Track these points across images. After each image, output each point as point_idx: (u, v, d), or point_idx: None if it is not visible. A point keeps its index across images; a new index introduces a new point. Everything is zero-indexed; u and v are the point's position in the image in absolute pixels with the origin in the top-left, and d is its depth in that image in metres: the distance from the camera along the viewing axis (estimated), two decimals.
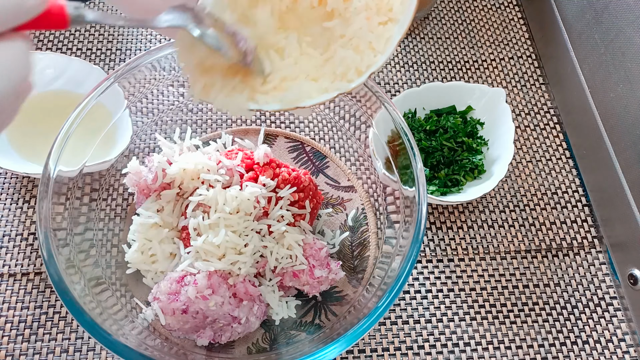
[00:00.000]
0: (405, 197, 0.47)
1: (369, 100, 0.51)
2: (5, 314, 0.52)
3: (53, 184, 0.44)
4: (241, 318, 0.46)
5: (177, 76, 0.53)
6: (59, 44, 0.68)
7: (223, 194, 0.46)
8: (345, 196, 0.57)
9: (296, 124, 0.63)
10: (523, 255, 0.58)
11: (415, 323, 0.54)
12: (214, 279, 0.45)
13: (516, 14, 0.74)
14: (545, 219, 0.60)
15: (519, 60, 0.71)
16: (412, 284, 0.56)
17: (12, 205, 0.57)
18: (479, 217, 0.59)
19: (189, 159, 0.48)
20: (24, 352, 0.50)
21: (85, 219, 0.48)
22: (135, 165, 0.51)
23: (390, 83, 0.68)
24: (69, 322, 0.52)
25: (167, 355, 0.42)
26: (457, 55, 0.70)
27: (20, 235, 0.56)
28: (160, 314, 0.44)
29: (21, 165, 0.54)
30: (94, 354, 0.50)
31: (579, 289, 0.56)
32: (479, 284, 0.56)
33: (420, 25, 0.73)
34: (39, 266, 0.54)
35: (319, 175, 0.58)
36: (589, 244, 0.59)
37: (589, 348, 0.53)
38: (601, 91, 0.59)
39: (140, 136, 0.55)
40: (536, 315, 0.54)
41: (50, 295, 0.53)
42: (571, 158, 0.64)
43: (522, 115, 0.66)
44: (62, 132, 0.45)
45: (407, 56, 0.70)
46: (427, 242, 0.58)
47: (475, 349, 0.53)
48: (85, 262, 0.45)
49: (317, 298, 0.51)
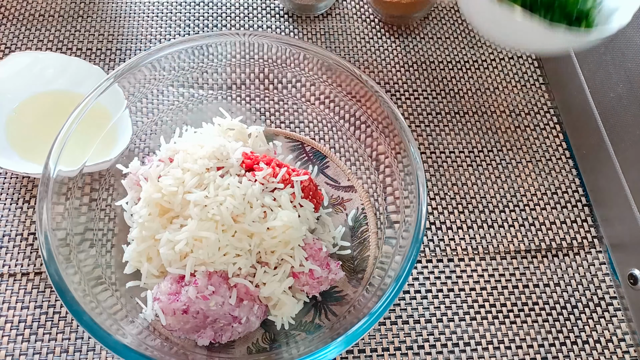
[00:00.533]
0: (405, 197, 0.47)
1: (369, 100, 0.51)
2: (5, 314, 0.52)
3: (53, 184, 0.44)
4: (241, 318, 0.46)
5: (177, 76, 0.53)
6: (59, 44, 0.68)
7: (221, 192, 0.46)
8: (345, 196, 0.57)
9: (296, 124, 0.63)
10: (523, 255, 0.58)
11: (415, 323, 0.54)
12: (214, 279, 0.45)
13: None
14: (545, 218, 0.60)
15: (519, 60, 0.71)
16: (412, 284, 0.56)
17: (12, 205, 0.57)
18: (479, 217, 0.60)
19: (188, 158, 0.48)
20: (24, 352, 0.50)
21: (85, 219, 0.48)
22: (135, 165, 0.51)
23: (390, 83, 0.68)
24: (69, 322, 0.52)
25: (167, 355, 0.42)
26: (457, 55, 0.70)
27: (20, 235, 0.56)
28: (161, 314, 0.44)
29: (21, 165, 0.54)
30: (94, 354, 0.50)
31: (579, 289, 0.56)
32: (479, 284, 0.56)
33: (420, 25, 0.73)
34: (39, 266, 0.54)
35: (319, 175, 0.58)
36: (589, 244, 0.59)
37: (589, 348, 0.53)
38: (601, 91, 0.59)
39: (140, 136, 0.55)
40: (536, 315, 0.54)
41: (50, 295, 0.53)
42: (571, 158, 0.64)
43: (522, 115, 0.66)
44: (62, 132, 0.45)
45: (407, 56, 0.70)
46: (427, 242, 0.58)
47: (475, 349, 0.53)
48: (85, 262, 0.45)
49: (317, 298, 0.51)
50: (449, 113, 0.66)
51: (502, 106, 0.67)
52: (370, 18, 0.73)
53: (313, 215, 0.51)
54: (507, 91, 0.68)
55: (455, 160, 0.63)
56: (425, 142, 0.64)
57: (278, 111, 0.64)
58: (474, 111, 0.66)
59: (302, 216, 0.50)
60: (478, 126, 0.65)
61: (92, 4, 0.72)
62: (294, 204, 0.50)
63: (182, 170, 0.48)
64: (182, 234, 0.44)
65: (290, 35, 0.71)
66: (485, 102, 0.67)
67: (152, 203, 0.47)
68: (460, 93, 0.68)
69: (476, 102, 0.67)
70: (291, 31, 0.71)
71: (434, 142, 0.64)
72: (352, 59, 0.69)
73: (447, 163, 0.63)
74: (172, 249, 0.45)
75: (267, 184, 0.49)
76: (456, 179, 0.62)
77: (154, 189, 0.47)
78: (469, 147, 0.64)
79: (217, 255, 0.45)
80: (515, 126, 0.66)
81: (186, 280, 0.45)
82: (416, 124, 0.65)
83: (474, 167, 0.63)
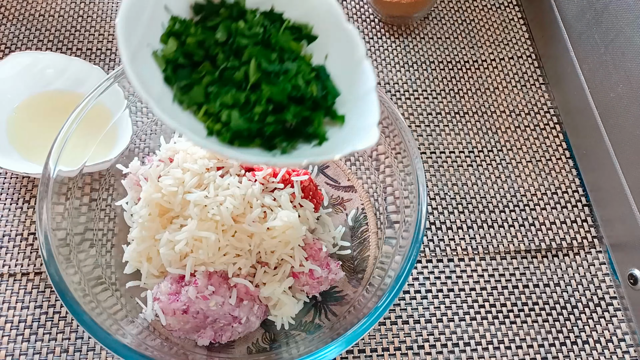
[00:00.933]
0: (405, 197, 0.47)
1: None
2: (5, 314, 0.52)
3: (53, 184, 0.44)
4: (241, 318, 0.46)
5: None
6: (59, 44, 0.68)
7: (221, 192, 0.46)
8: (345, 196, 0.57)
9: None
10: (523, 255, 0.58)
11: (415, 323, 0.54)
12: (214, 279, 0.45)
13: (516, 14, 0.74)
14: (545, 218, 0.60)
15: (519, 60, 0.71)
16: (412, 284, 0.56)
17: (12, 205, 0.57)
18: (479, 217, 0.60)
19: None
20: (24, 352, 0.50)
21: (85, 219, 0.48)
22: (135, 165, 0.51)
23: (390, 83, 0.68)
24: (69, 322, 0.52)
25: (167, 355, 0.42)
26: (457, 55, 0.70)
27: (20, 235, 0.56)
28: (161, 314, 0.44)
29: (21, 165, 0.54)
30: (94, 354, 0.50)
31: (579, 289, 0.56)
32: (479, 284, 0.56)
33: (420, 25, 0.73)
34: (39, 266, 0.54)
35: (319, 175, 0.58)
36: (589, 244, 0.59)
37: (589, 348, 0.53)
38: (601, 91, 0.59)
39: (140, 136, 0.55)
40: (536, 315, 0.54)
41: (50, 295, 0.53)
42: (571, 158, 0.64)
43: (522, 115, 0.66)
44: (62, 132, 0.45)
45: (407, 56, 0.70)
46: (427, 242, 0.58)
47: (475, 349, 0.53)
48: (85, 262, 0.45)
49: (317, 298, 0.51)
50: (449, 113, 0.66)
51: (502, 106, 0.67)
52: (370, 18, 0.73)
53: (313, 215, 0.51)
54: (507, 91, 0.68)
55: (455, 160, 0.63)
56: (425, 142, 0.64)
57: None
58: (474, 111, 0.66)
59: (302, 216, 0.50)
60: (478, 126, 0.65)
61: (92, 4, 0.72)
62: (294, 204, 0.50)
63: (182, 170, 0.48)
64: (182, 234, 0.44)
65: None
66: (485, 102, 0.67)
67: (152, 203, 0.47)
68: (460, 93, 0.68)
69: (476, 102, 0.67)
70: None
71: (434, 142, 0.64)
72: None
73: (447, 163, 0.63)
74: (172, 249, 0.45)
75: (267, 184, 0.49)
76: (456, 179, 0.62)
77: (154, 189, 0.47)
78: (469, 147, 0.64)
79: (217, 255, 0.45)
80: (515, 126, 0.66)
81: (186, 280, 0.45)
82: (416, 124, 0.65)
83: (474, 167, 0.63)
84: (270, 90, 0.34)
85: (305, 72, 0.36)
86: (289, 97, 0.34)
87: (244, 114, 0.34)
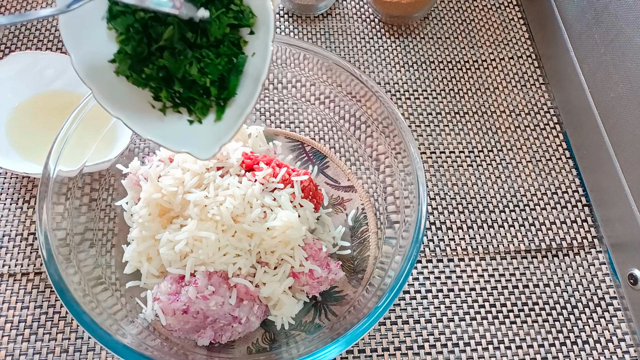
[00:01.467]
0: (405, 197, 0.47)
1: (369, 100, 0.51)
2: (5, 314, 0.52)
3: (53, 184, 0.44)
4: (241, 318, 0.46)
5: None
6: (59, 43, 0.68)
7: (221, 192, 0.46)
8: (345, 196, 0.57)
9: (296, 123, 0.63)
10: (523, 255, 0.58)
11: (415, 323, 0.54)
12: (214, 279, 0.45)
13: (516, 14, 0.74)
14: (545, 218, 0.60)
15: (519, 60, 0.71)
16: (412, 284, 0.56)
17: (12, 205, 0.57)
18: (479, 217, 0.60)
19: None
20: (24, 352, 0.50)
21: (85, 219, 0.48)
22: (135, 165, 0.51)
23: (390, 83, 0.68)
24: (69, 322, 0.52)
25: (167, 355, 0.42)
26: (457, 55, 0.70)
27: (20, 235, 0.56)
28: (161, 314, 0.44)
29: (21, 165, 0.54)
30: (94, 354, 0.50)
31: (579, 289, 0.56)
32: (479, 284, 0.56)
33: (420, 25, 0.73)
34: (39, 266, 0.54)
35: (319, 175, 0.58)
36: (589, 244, 0.59)
37: (589, 348, 0.53)
38: (601, 91, 0.59)
39: (140, 136, 0.55)
40: (536, 315, 0.54)
41: (50, 295, 0.53)
42: (571, 158, 0.64)
43: (522, 115, 0.66)
44: (62, 132, 0.45)
45: (407, 56, 0.70)
46: (427, 242, 0.58)
47: (475, 349, 0.53)
48: (85, 262, 0.45)
49: (317, 298, 0.51)
50: (449, 113, 0.66)
51: (502, 106, 0.67)
52: (370, 18, 0.73)
53: (313, 215, 0.51)
54: (507, 91, 0.68)
55: (455, 160, 0.63)
56: (425, 142, 0.64)
57: (278, 111, 0.64)
58: (474, 111, 0.66)
59: (302, 216, 0.50)
60: (478, 126, 0.65)
61: None
62: (294, 204, 0.50)
63: (182, 170, 0.48)
64: (182, 234, 0.44)
65: (290, 35, 0.71)
66: (485, 102, 0.67)
67: (152, 203, 0.47)
68: (460, 93, 0.68)
69: (476, 102, 0.67)
70: (291, 31, 0.71)
71: (434, 142, 0.64)
72: (352, 59, 0.69)
73: (447, 163, 0.63)
74: (172, 249, 0.45)
75: (267, 184, 0.49)
76: (456, 179, 0.62)
77: (154, 189, 0.47)
78: (469, 147, 0.64)
79: (217, 255, 0.45)
80: (515, 126, 0.66)
81: (186, 280, 0.45)
82: (416, 124, 0.65)
83: (474, 167, 0.63)
84: (167, 62, 0.38)
85: (220, 62, 0.38)
86: (183, 76, 0.38)
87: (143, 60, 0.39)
